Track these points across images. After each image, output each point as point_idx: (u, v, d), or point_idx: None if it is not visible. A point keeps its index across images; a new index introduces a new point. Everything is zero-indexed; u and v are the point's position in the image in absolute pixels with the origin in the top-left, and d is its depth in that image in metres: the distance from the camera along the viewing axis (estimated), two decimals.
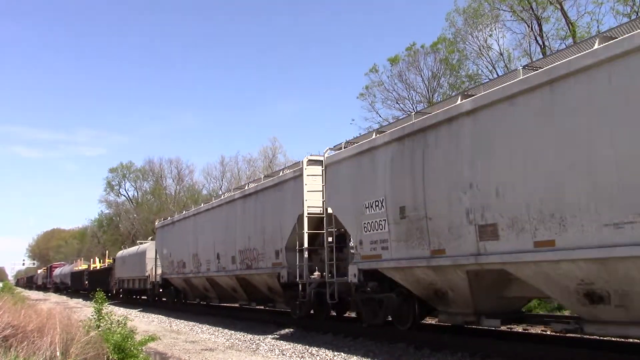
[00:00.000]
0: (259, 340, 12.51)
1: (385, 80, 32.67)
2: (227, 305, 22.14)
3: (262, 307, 18.07)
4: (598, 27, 22.12)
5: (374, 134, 11.07)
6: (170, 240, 24.18)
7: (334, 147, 12.71)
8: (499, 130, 7.92)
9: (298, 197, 13.57)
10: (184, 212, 23.66)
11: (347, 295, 12.38)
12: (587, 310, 7.38)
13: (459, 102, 8.81)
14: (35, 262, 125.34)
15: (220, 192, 35.48)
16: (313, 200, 13.34)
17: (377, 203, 10.47)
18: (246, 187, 17.31)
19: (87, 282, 42.35)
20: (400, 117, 10.45)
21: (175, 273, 23.08)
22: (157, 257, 26.03)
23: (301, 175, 13.53)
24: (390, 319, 11.42)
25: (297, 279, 13.52)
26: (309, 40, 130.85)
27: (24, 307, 11.29)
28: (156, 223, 27.80)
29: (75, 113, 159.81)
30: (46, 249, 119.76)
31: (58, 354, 6.50)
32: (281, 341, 12.06)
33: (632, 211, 6.16)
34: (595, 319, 7.34)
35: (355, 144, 11.63)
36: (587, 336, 9.93)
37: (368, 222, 10.71)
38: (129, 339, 7.53)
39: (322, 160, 12.81)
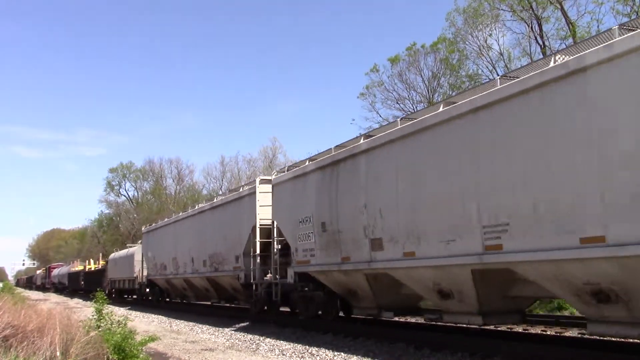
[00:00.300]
0: (259, 340, 12.51)
1: (385, 80, 32.72)
2: (226, 305, 22.32)
3: (228, 305, 21.54)
4: (598, 27, 22.14)
5: (307, 162, 13.29)
6: (155, 244, 26.38)
7: (279, 170, 15.34)
8: (382, 167, 10.38)
9: (252, 211, 15.96)
10: (165, 220, 26.13)
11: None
12: (442, 304, 9.77)
13: (360, 142, 11.28)
14: (35, 262, 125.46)
15: (220, 192, 36.88)
16: (265, 214, 15.55)
17: (307, 219, 12.76)
18: (214, 200, 20.20)
19: (83, 282, 44.60)
20: (324, 150, 12.94)
21: (159, 274, 25.29)
22: (144, 259, 28.15)
23: (254, 192, 15.96)
24: (320, 312, 13.72)
25: (252, 280, 15.85)
26: (309, 40, 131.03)
27: (24, 307, 11.29)
28: (143, 228, 30.40)
29: (75, 113, 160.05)
30: (46, 249, 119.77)
31: (58, 354, 6.50)
32: (281, 341, 12.06)
33: (455, 233, 8.59)
34: (448, 311, 9.68)
35: (294, 169, 13.92)
36: (587, 336, 9.95)
37: (301, 234, 13.06)
38: (129, 339, 7.53)
39: (271, 180, 15.15)
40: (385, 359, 9.33)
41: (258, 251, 15.61)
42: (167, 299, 27.30)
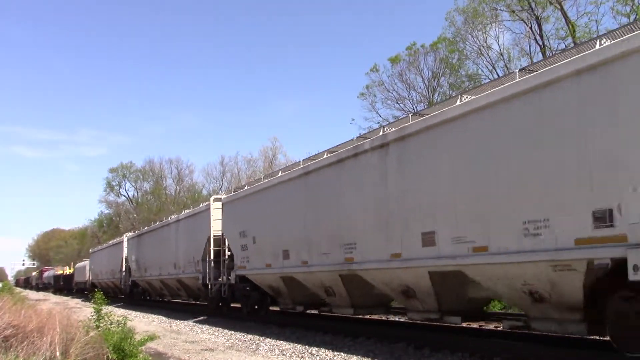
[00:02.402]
0: (259, 340, 12.50)
1: (385, 80, 32.68)
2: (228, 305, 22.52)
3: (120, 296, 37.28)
4: (597, 27, 22.12)
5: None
6: (95, 260, 44.04)
7: (135, 233, 33.22)
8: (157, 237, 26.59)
9: (119, 255, 33.68)
10: (99, 247, 47.14)
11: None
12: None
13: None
14: (35, 262, 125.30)
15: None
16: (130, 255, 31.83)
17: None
18: (111, 241, 40.06)
19: (62, 283, 62.10)
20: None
21: (96, 279, 42.17)
22: (90, 269, 45.47)
23: (120, 242, 34.17)
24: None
25: (122, 284, 32.77)
26: (310, 40, 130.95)
27: (24, 307, 11.29)
28: (90, 250, 50.58)
29: (76, 113, 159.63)
30: (46, 249, 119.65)
31: (58, 354, 6.50)
32: (281, 341, 12.06)
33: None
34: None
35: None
36: (588, 336, 9.94)
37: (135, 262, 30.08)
38: (128, 339, 7.53)
39: (125, 239, 32.89)
40: (385, 359, 9.32)
41: (123, 269, 33.73)
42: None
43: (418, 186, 9.33)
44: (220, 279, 18.66)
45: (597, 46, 6.94)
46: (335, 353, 10.02)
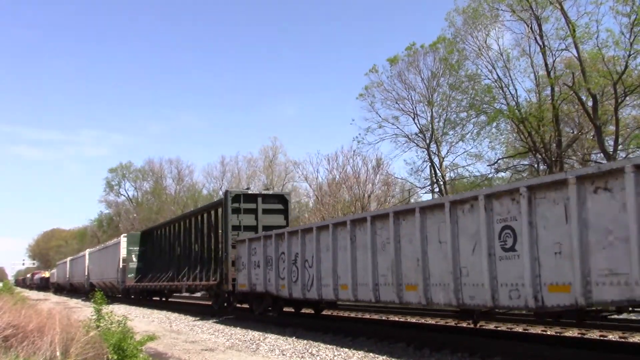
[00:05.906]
0: (259, 340, 12.50)
1: (384, 80, 32.71)
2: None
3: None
4: (597, 27, 22.14)
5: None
6: (58, 268, 61.40)
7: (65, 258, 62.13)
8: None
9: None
10: (63, 260, 61.24)
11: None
12: None
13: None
14: (35, 262, 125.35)
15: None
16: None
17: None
18: (79, 254, 51.81)
19: (44, 283, 78.37)
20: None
21: (59, 281, 57.56)
22: (55, 274, 64.46)
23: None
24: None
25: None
26: (310, 41, 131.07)
27: (24, 307, 11.30)
28: (57, 262, 70.03)
29: (78, 114, 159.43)
30: (46, 249, 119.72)
31: (58, 353, 6.51)
32: (281, 341, 12.06)
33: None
34: None
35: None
36: (587, 336, 9.95)
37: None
38: (128, 339, 7.52)
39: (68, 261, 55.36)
40: (385, 359, 9.33)
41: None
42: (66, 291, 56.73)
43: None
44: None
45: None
46: (335, 353, 10.02)
